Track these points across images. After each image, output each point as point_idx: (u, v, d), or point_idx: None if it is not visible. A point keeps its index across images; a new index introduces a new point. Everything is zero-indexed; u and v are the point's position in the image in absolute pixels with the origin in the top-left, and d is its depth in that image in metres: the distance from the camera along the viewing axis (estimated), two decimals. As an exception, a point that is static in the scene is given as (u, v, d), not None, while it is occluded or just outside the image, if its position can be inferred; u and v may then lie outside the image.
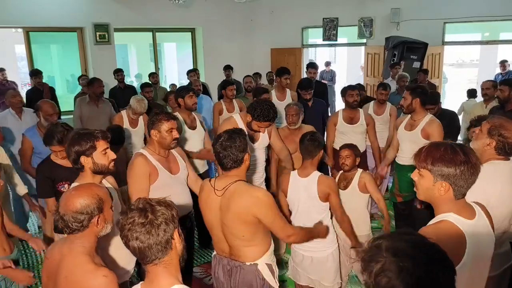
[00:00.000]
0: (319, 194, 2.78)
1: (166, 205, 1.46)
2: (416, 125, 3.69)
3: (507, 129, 2.25)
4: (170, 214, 1.44)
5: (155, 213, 1.41)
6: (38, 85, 6.60)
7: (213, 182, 2.29)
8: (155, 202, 1.45)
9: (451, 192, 1.57)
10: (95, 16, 7.98)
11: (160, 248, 1.40)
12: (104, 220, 1.78)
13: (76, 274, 1.65)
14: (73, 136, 2.28)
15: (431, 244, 1.11)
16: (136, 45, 12.73)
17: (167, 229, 1.41)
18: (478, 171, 1.55)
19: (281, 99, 5.43)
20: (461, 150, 1.56)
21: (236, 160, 2.19)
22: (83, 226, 1.71)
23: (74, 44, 8.31)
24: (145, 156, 2.76)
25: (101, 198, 1.77)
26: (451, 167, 1.52)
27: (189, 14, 9.13)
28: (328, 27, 9.44)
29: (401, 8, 8.47)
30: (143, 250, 1.39)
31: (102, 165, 2.27)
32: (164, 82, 10.67)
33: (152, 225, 1.39)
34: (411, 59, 7.99)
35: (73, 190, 1.78)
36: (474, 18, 8.15)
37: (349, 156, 3.20)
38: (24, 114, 4.80)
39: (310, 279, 2.95)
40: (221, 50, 9.52)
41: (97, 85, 5.37)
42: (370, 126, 4.44)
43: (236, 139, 2.19)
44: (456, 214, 1.58)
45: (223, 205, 2.20)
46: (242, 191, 2.17)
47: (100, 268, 1.68)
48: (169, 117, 2.79)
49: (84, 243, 1.73)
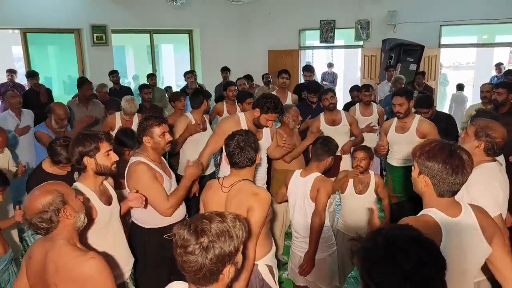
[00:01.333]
0: (311, 194, 2.81)
1: (229, 237, 1.32)
2: (408, 127, 3.74)
3: (493, 130, 2.28)
4: (227, 250, 1.31)
5: (209, 248, 1.29)
6: (34, 87, 6.59)
7: (221, 180, 2.35)
8: (217, 231, 1.31)
9: (431, 187, 1.63)
10: (92, 17, 7.98)
11: (204, 279, 1.33)
12: (73, 211, 1.77)
13: (65, 263, 1.67)
14: (77, 137, 2.29)
15: (426, 239, 1.13)
16: (134, 46, 12.70)
17: (218, 264, 1.31)
18: (461, 174, 1.58)
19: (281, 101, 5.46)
20: (450, 150, 1.60)
21: (250, 159, 2.27)
22: (53, 222, 1.71)
23: (72, 45, 8.30)
24: (146, 164, 2.66)
25: (60, 191, 1.75)
26: (432, 162, 1.60)
27: (187, 15, 9.14)
28: (325, 29, 9.48)
29: (397, 11, 8.51)
30: (187, 273, 1.34)
31: (105, 166, 2.28)
32: (161, 83, 10.67)
33: (204, 254, 1.29)
34: (407, 61, 8.03)
35: (31, 194, 1.78)
36: (470, 21, 8.21)
37: (365, 158, 3.19)
38: (23, 116, 4.81)
39: (307, 280, 2.96)
40: (218, 51, 9.53)
41: (86, 88, 5.36)
42: (354, 125, 4.49)
43: (251, 138, 2.29)
44: (438, 210, 1.64)
45: (228, 202, 2.26)
46: (246, 188, 2.24)
47: (87, 252, 1.72)
48: (159, 121, 2.70)
49: (64, 236, 1.74)
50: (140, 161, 2.67)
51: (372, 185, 3.23)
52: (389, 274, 1.06)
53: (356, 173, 3.19)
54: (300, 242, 2.96)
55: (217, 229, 1.31)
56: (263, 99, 3.32)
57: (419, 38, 8.13)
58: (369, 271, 1.10)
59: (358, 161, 3.21)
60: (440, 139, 1.72)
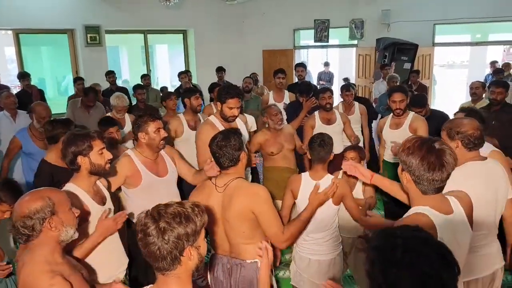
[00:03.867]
0: (333, 198, 2.67)
1: (185, 218, 1.36)
2: (402, 123, 3.84)
3: (460, 125, 2.33)
4: (183, 231, 1.34)
5: (166, 229, 1.33)
6: (26, 88, 6.54)
7: (214, 180, 2.33)
8: (173, 213, 1.35)
9: (413, 184, 1.65)
10: (85, 18, 7.93)
11: (166, 262, 1.35)
12: (61, 223, 1.70)
13: (28, 282, 1.62)
14: (69, 137, 2.27)
15: (440, 243, 1.14)
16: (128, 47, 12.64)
17: (177, 245, 1.34)
18: (439, 170, 1.59)
19: (278, 101, 5.46)
20: (429, 147, 1.61)
21: (232, 159, 2.23)
22: (35, 231, 1.65)
23: (65, 46, 8.25)
24: (130, 158, 2.76)
25: (52, 200, 1.68)
26: (409, 158, 1.63)
27: (181, 15, 9.10)
28: (320, 28, 9.49)
29: (391, 10, 8.54)
30: (150, 259, 1.36)
31: (99, 165, 2.26)
32: (156, 84, 10.63)
33: (161, 237, 1.33)
34: (401, 60, 8.06)
35: (24, 196, 1.72)
36: (463, 20, 8.26)
37: (355, 158, 3.17)
38: (18, 117, 4.76)
39: (315, 283, 2.84)
40: (213, 51, 9.51)
41: (90, 99, 5.42)
42: (347, 124, 4.51)
43: (231, 138, 2.23)
44: (431, 208, 1.64)
45: (225, 201, 2.23)
46: (242, 188, 2.21)
47: (54, 277, 1.62)
48: (154, 117, 2.79)
49: (43, 250, 1.68)
50: (126, 154, 2.80)
51: (360, 185, 3.20)
52: (407, 277, 1.05)
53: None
54: (310, 244, 2.84)
55: (173, 212, 1.35)
56: (218, 91, 3.28)
57: (413, 37, 8.16)
58: (385, 272, 1.08)
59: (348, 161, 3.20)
60: (424, 136, 1.73)
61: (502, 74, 7.31)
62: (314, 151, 2.80)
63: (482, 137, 2.35)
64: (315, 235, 2.81)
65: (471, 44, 11.20)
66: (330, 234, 2.81)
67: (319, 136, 2.87)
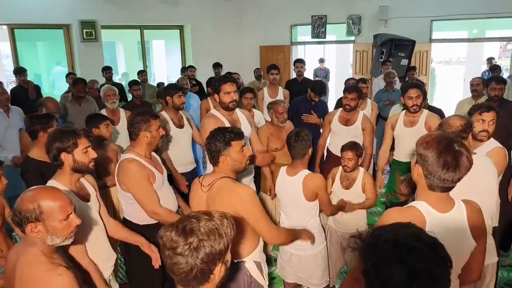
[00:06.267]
0: (305, 193, 2.74)
1: (218, 235, 1.28)
2: (417, 121, 3.71)
3: (445, 125, 2.39)
4: (218, 248, 1.27)
5: (199, 248, 1.25)
6: (22, 83, 6.49)
7: (201, 179, 2.32)
8: (206, 229, 1.27)
9: (423, 178, 1.63)
10: (81, 13, 7.87)
11: (196, 281, 1.29)
12: (45, 231, 1.65)
13: (31, 273, 1.61)
14: (55, 133, 2.27)
15: (431, 237, 1.13)
16: (124, 42, 12.57)
17: (210, 264, 1.27)
18: (453, 171, 1.57)
19: (272, 96, 5.47)
20: (447, 144, 1.59)
21: (213, 157, 2.24)
22: (22, 226, 1.64)
23: (61, 41, 8.20)
24: (138, 161, 2.66)
25: (41, 209, 1.63)
26: (427, 152, 1.60)
27: (177, 11, 9.06)
28: (317, 24, 9.47)
29: (389, 6, 8.52)
30: (178, 277, 1.29)
31: (82, 163, 2.25)
32: (152, 80, 10.59)
33: (195, 255, 1.25)
34: (399, 56, 8.05)
35: (27, 190, 1.70)
36: (460, 16, 8.25)
37: (352, 159, 3.18)
38: (11, 112, 4.74)
39: (298, 277, 2.95)
40: (209, 47, 9.48)
41: (80, 89, 5.34)
42: (367, 131, 4.13)
43: (214, 137, 2.23)
44: (428, 204, 1.64)
45: (209, 201, 2.21)
46: (226, 187, 2.18)
47: (57, 267, 1.63)
48: (155, 116, 2.79)
49: (38, 244, 1.68)
50: (132, 159, 2.66)
51: (359, 181, 3.21)
52: (397, 271, 1.05)
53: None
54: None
55: (206, 228, 1.27)
56: (212, 85, 3.30)
57: (410, 33, 8.15)
58: (377, 268, 1.08)
59: (345, 161, 3.21)
60: (446, 134, 1.73)
61: (499, 70, 7.32)
62: (290, 147, 2.84)
63: (466, 131, 2.39)
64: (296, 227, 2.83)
65: (468, 40, 11.20)
66: (310, 230, 2.78)
67: (296, 131, 2.88)
